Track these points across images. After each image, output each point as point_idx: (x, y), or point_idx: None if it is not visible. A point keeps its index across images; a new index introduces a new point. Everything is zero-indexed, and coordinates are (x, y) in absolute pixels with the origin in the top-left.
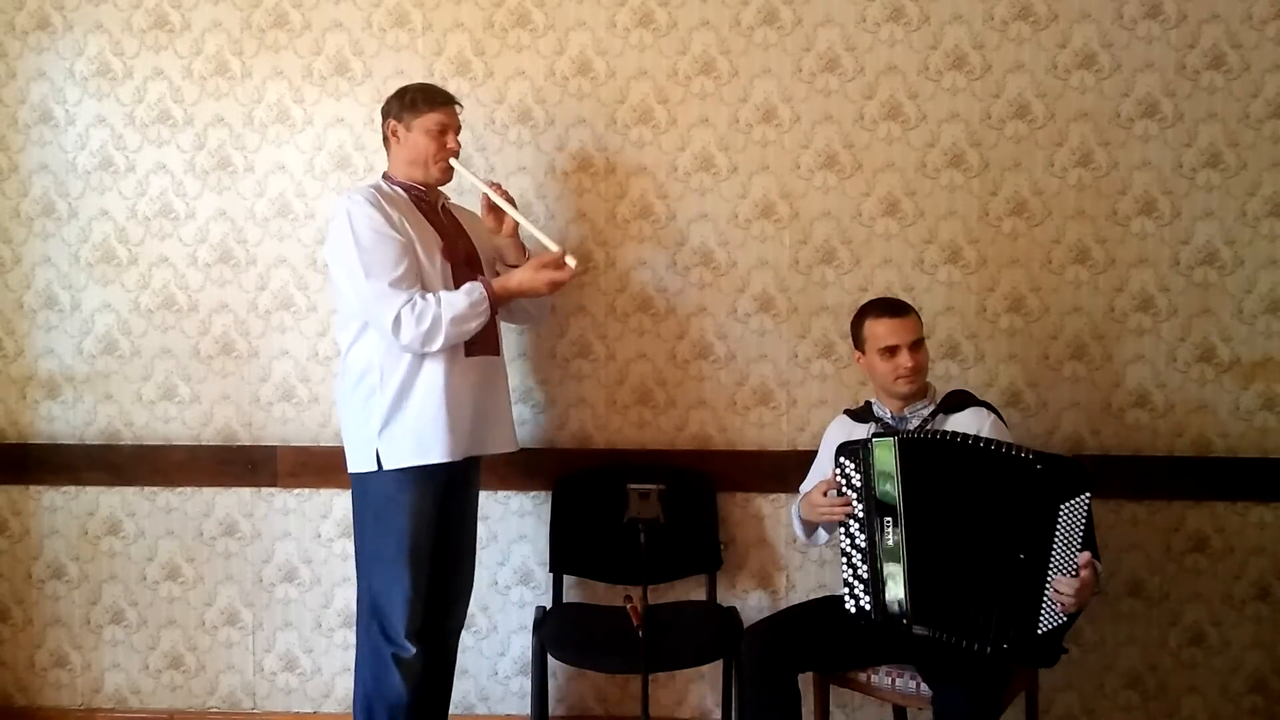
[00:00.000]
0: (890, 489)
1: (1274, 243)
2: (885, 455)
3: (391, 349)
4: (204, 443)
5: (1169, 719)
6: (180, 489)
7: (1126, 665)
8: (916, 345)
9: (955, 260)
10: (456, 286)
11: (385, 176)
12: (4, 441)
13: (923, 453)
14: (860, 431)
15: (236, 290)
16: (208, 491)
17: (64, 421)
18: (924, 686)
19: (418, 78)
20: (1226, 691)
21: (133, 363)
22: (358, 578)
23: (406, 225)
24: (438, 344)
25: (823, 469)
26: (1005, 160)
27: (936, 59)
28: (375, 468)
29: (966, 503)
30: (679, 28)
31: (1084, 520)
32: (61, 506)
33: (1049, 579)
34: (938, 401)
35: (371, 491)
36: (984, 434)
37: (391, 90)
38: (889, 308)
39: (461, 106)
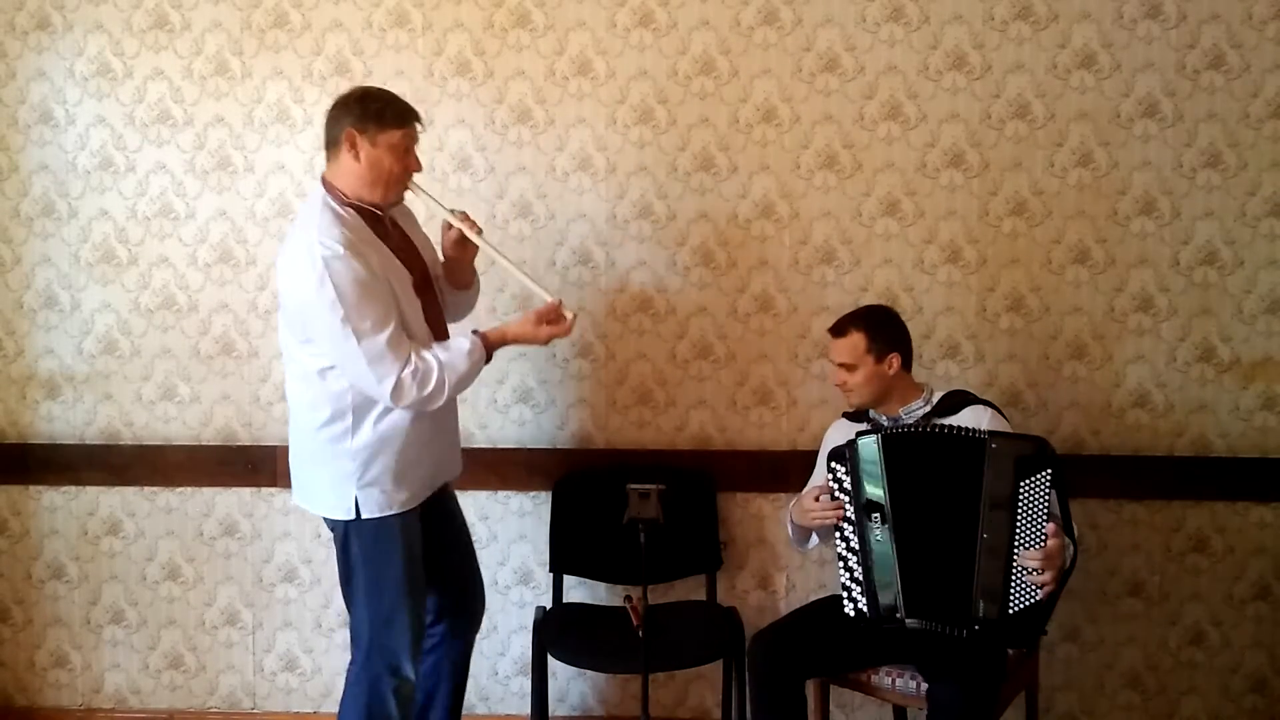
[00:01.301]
0: (877, 486)
1: (1274, 243)
2: (870, 453)
3: (362, 394)
4: (204, 443)
5: (1169, 719)
6: (180, 489)
7: (1126, 665)
8: (846, 367)
9: (955, 260)
10: (429, 318)
11: (326, 186)
12: (4, 441)
13: (904, 446)
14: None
15: (236, 290)
16: (208, 491)
17: (64, 421)
18: (924, 686)
19: (418, 78)
20: (1226, 691)
21: (133, 363)
22: (352, 613)
23: (382, 265)
24: (437, 405)
25: (823, 473)
26: (1005, 160)
27: (936, 59)
28: (354, 517)
29: (943, 491)
30: (679, 28)
31: (1046, 497)
32: (61, 506)
33: (1015, 557)
34: (934, 402)
35: (353, 536)
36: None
37: (392, 90)
38: (833, 327)
39: (423, 125)
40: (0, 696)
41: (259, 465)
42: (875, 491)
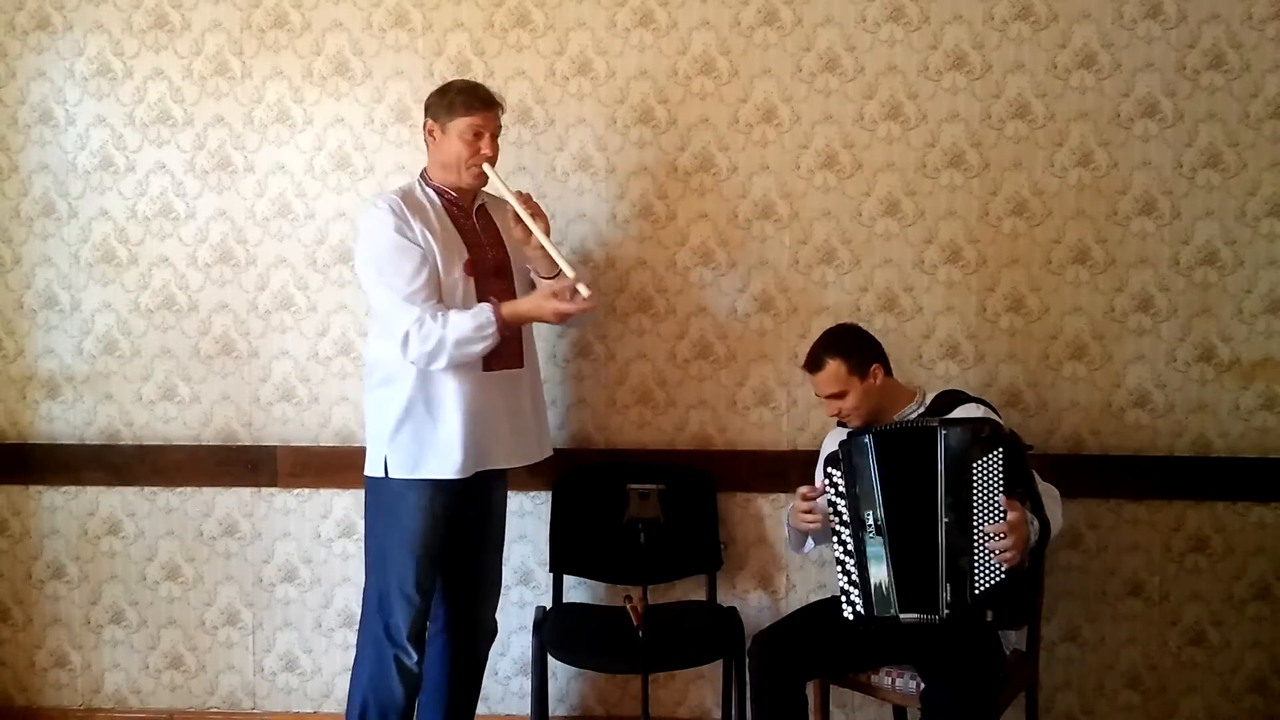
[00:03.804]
0: (870, 485)
1: (1274, 243)
2: (862, 454)
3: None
4: (204, 443)
5: (1169, 719)
6: (180, 489)
7: (1126, 665)
8: (835, 396)
9: (955, 260)
10: (480, 299)
11: (422, 176)
12: (4, 441)
13: (894, 443)
14: None
15: (236, 290)
16: (208, 491)
17: (64, 421)
18: (924, 687)
19: (418, 78)
20: (1226, 691)
21: (133, 363)
22: (366, 576)
23: (428, 236)
24: (441, 364)
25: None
26: (1005, 160)
27: (936, 59)
28: (383, 474)
29: (915, 483)
30: (679, 28)
31: (1000, 477)
32: (61, 506)
33: (975, 536)
34: (927, 404)
35: (381, 492)
36: None
37: (392, 90)
38: (807, 363)
39: (504, 108)
40: (0, 696)
41: (259, 465)
42: (869, 492)
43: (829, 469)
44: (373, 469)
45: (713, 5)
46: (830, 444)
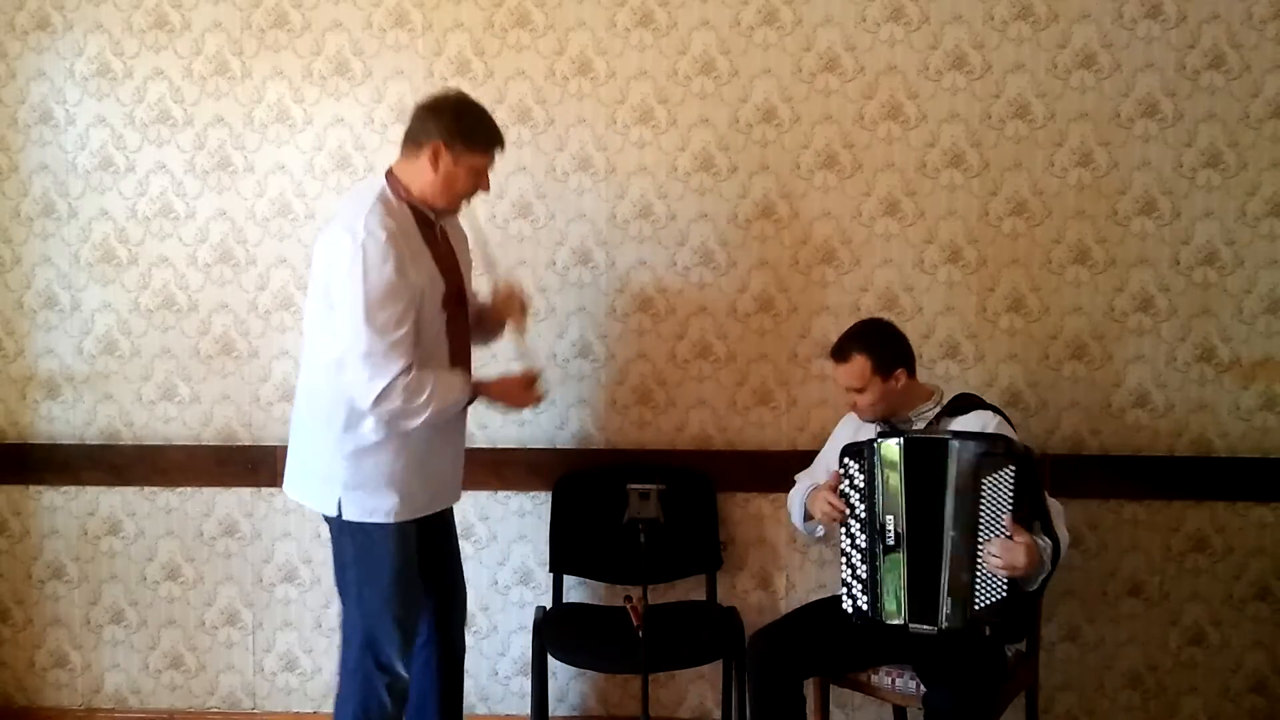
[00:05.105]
0: (895, 489)
1: (1274, 243)
2: (891, 456)
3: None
4: (204, 443)
5: (1169, 719)
6: (180, 489)
7: (1126, 665)
8: (854, 390)
9: (955, 260)
10: (450, 332)
11: (390, 179)
12: (4, 441)
13: (925, 451)
14: (868, 431)
15: (236, 290)
16: (208, 491)
17: (64, 421)
18: (924, 686)
19: (418, 78)
20: (1226, 691)
21: (133, 363)
22: (344, 608)
23: (418, 267)
24: (411, 424)
25: (828, 460)
26: (1005, 160)
27: (936, 59)
28: (335, 514)
29: (933, 494)
30: (679, 28)
31: (1010, 493)
32: (61, 506)
33: (979, 553)
34: (943, 404)
35: (347, 534)
36: None
37: (392, 90)
38: (834, 351)
39: (503, 149)
40: (0, 696)
41: (259, 465)
42: (894, 499)
43: (846, 459)
44: (322, 505)
45: (713, 5)
46: (845, 430)
